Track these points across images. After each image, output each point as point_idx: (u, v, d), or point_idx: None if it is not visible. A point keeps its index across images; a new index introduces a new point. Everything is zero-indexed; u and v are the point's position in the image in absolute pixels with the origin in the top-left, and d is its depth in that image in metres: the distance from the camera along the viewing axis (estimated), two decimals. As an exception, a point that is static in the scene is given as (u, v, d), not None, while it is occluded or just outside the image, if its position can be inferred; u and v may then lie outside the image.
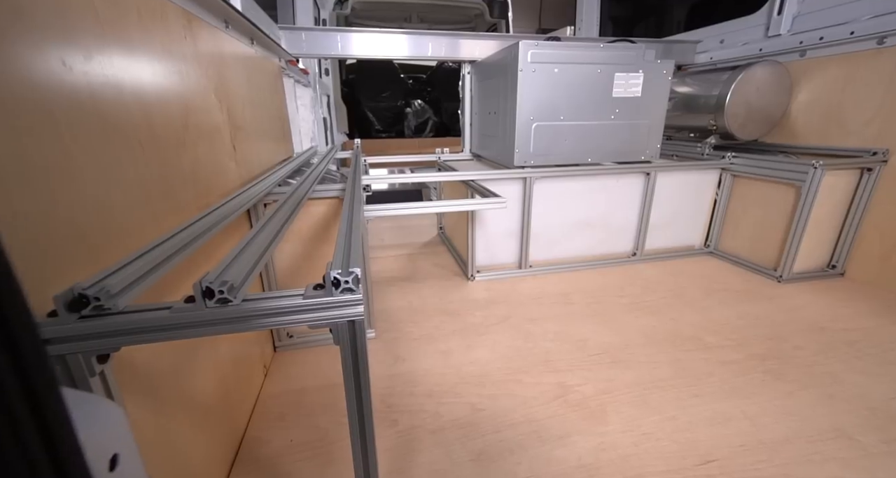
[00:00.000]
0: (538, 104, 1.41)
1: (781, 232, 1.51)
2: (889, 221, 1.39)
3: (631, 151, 1.57)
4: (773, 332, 1.17)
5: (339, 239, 0.49)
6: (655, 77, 1.48)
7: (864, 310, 1.27)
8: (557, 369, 1.02)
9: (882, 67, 1.38)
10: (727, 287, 1.48)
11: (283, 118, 1.57)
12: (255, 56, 1.20)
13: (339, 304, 0.38)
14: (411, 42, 1.86)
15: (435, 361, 1.05)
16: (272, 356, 1.07)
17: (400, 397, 0.91)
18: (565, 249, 1.67)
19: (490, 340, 1.14)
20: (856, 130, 1.47)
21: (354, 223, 0.58)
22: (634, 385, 0.95)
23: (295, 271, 1.06)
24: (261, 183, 0.93)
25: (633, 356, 1.06)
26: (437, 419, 0.84)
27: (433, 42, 1.87)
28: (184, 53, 0.65)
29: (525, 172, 1.47)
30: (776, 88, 1.66)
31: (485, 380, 0.97)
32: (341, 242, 0.48)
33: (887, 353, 1.05)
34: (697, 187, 1.74)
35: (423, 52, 1.92)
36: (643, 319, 1.26)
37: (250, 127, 1.06)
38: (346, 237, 0.50)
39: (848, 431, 0.80)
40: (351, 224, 0.56)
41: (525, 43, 1.33)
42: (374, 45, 1.86)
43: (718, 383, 0.95)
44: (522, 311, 1.32)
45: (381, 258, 1.84)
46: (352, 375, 0.42)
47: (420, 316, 1.29)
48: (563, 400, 0.90)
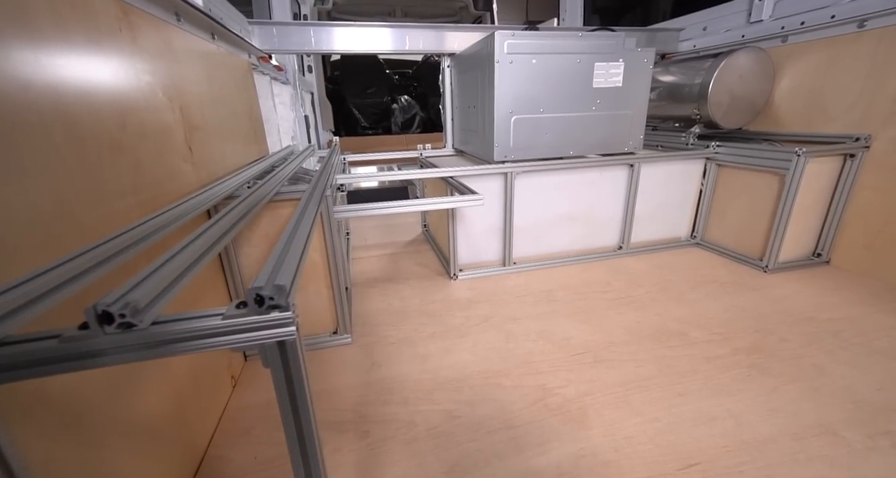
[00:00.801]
0: (517, 97, 1.36)
1: (766, 221, 1.49)
2: (872, 208, 1.37)
3: (614, 142, 1.54)
4: (759, 324, 1.15)
5: (277, 247, 0.45)
6: (636, 66, 1.44)
7: (850, 298, 1.26)
8: (539, 370, 0.98)
9: (863, 51, 1.35)
10: (713, 279, 1.46)
11: (256, 117, 1.51)
12: (219, 52, 1.15)
13: (265, 323, 0.34)
14: (388, 35, 1.80)
15: (412, 366, 1.02)
16: (242, 366, 1.02)
17: (374, 406, 0.88)
18: (550, 245, 1.64)
19: (470, 342, 1.11)
20: (838, 115, 1.45)
21: (301, 228, 0.53)
22: (617, 385, 0.92)
23: (264, 277, 1.02)
24: (222, 186, 0.88)
25: (616, 355, 1.04)
26: (410, 429, 0.81)
27: (410, 35, 1.81)
28: (118, 48, 0.60)
29: (505, 167, 1.43)
30: (759, 75, 1.63)
31: (463, 385, 0.94)
32: (277, 250, 0.43)
33: (873, 342, 1.03)
34: (682, 178, 1.71)
35: (400, 45, 1.86)
36: (628, 314, 1.23)
37: (212, 127, 1.01)
38: (285, 244, 0.45)
39: (833, 426, 0.77)
40: (297, 229, 0.52)
41: (501, 33, 1.28)
42: (349, 40, 1.80)
43: (703, 381, 0.93)
44: (505, 310, 1.28)
45: (364, 259, 1.79)
46: (287, 402, 0.38)
47: (399, 318, 1.25)
48: (543, 404, 0.87)
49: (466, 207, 1.12)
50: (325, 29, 1.71)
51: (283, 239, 0.46)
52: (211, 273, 0.90)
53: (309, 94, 4.62)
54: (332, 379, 0.97)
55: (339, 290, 1.07)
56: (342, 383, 0.96)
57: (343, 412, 0.86)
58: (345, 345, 1.12)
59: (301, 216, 0.57)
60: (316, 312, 1.10)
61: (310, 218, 0.60)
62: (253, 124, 1.45)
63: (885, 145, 1.32)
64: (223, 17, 1.41)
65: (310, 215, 0.61)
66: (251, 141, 1.39)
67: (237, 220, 0.59)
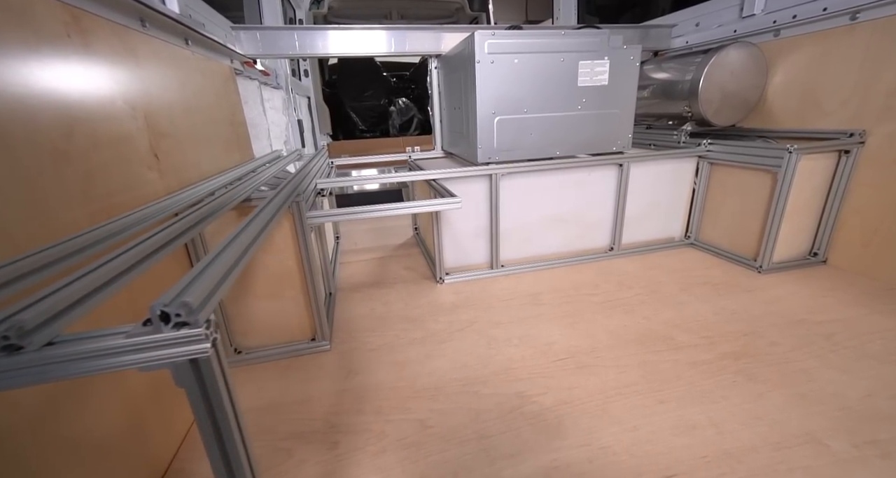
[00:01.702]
0: (499, 97, 1.34)
1: (760, 221, 1.45)
2: (869, 205, 1.33)
3: (601, 142, 1.51)
4: (750, 327, 1.11)
5: (206, 258, 0.43)
6: (623, 64, 1.41)
7: (844, 299, 1.22)
8: (518, 377, 0.96)
9: (856, 44, 1.31)
10: (705, 280, 1.42)
11: (239, 122, 1.51)
12: (194, 58, 1.14)
13: (173, 341, 0.33)
14: (375, 38, 1.79)
15: (389, 373, 1.00)
16: (219, 375, 1.01)
17: (345, 416, 0.86)
18: (539, 247, 1.61)
19: (451, 349, 1.09)
20: (833, 110, 1.41)
21: (243, 236, 0.51)
22: (597, 393, 0.89)
23: (236, 282, 1.01)
24: (190, 193, 0.87)
25: (599, 361, 1.01)
26: (381, 440, 0.79)
27: (396, 37, 1.80)
28: (65, 54, 0.59)
29: (489, 169, 1.41)
30: (751, 71, 1.59)
31: (439, 393, 0.92)
32: (204, 262, 0.41)
33: (865, 345, 0.99)
34: (675, 177, 1.68)
35: (388, 47, 1.85)
36: (615, 318, 1.20)
37: (184, 134, 1.00)
38: (216, 255, 0.43)
39: (818, 435, 0.74)
40: (237, 238, 0.50)
41: (481, 33, 1.26)
42: (337, 43, 1.79)
43: (686, 387, 0.90)
44: (489, 315, 1.26)
45: (352, 263, 1.78)
46: (207, 423, 0.36)
47: (381, 324, 1.24)
48: (518, 413, 0.85)
49: (444, 209, 1.10)
50: (310, 33, 1.71)
51: (216, 249, 0.44)
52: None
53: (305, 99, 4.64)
54: (307, 387, 0.96)
55: (316, 296, 1.06)
56: (316, 391, 0.94)
57: (313, 422, 0.84)
58: (323, 352, 1.10)
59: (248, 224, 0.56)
60: (293, 318, 1.08)
61: (259, 225, 0.59)
62: (235, 130, 1.44)
63: (881, 141, 1.28)
64: (205, 22, 1.41)
65: (259, 223, 0.60)
66: (233, 147, 1.39)
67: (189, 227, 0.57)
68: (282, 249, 1.01)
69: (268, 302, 1.05)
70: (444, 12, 4.86)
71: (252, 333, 1.07)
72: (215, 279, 0.39)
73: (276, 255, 1.01)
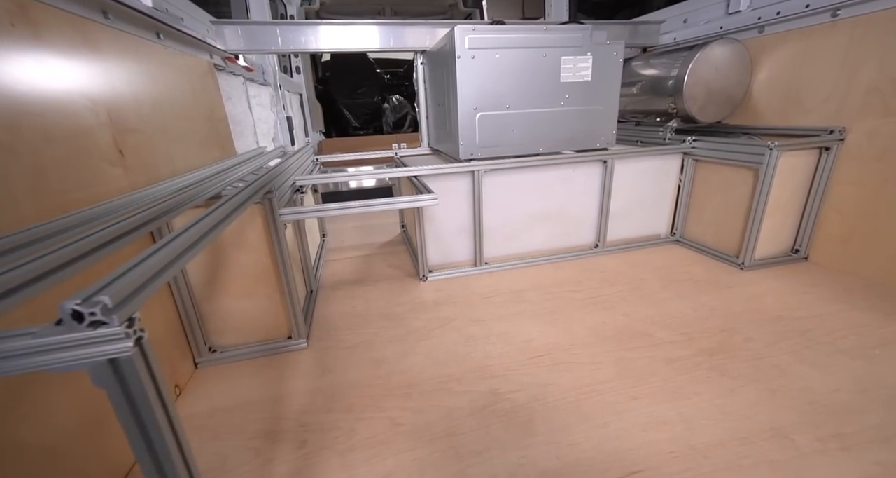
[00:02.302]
0: (481, 93, 1.33)
1: (743, 218, 1.45)
2: (848, 202, 1.34)
3: (585, 138, 1.50)
4: (727, 323, 1.11)
5: (141, 255, 0.41)
6: (606, 59, 1.40)
7: (823, 295, 1.22)
8: (493, 374, 0.96)
9: (836, 42, 1.31)
10: (688, 277, 1.42)
11: (219, 118, 1.49)
12: (167, 52, 1.12)
13: (88, 341, 0.32)
14: (361, 33, 1.77)
15: (364, 371, 0.99)
16: (192, 374, 1.00)
17: (317, 414, 0.85)
18: (523, 244, 1.60)
19: (428, 346, 1.08)
20: (815, 107, 1.41)
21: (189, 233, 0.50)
22: (571, 390, 0.89)
23: (211, 280, 0.99)
24: (157, 189, 0.85)
25: (575, 357, 1.01)
26: (350, 438, 0.78)
27: (382, 32, 1.78)
28: (7, 45, 0.57)
29: (472, 166, 1.40)
30: (735, 68, 1.59)
31: (413, 391, 0.91)
32: (138, 258, 0.40)
33: (839, 341, 0.99)
34: (660, 174, 1.68)
35: (373, 43, 1.83)
36: (595, 315, 1.20)
37: (156, 130, 0.98)
38: (154, 251, 0.42)
39: (784, 429, 0.74)
40: (180, 235, 0.49)
41: (461, 28, 1.25)
42: (321, 38, 1.76)
43: (660, 384, 0.89)
44: (470, 312, 1.26)
45: (337, 260, 1.77)
46: (133, 426, 0.35)
47: (361, 322, 1.23)
48: (490, 410, 0.84)
49: (420, 206, 1.09)
50: (293, 28, 1.68)
51: (154, 246, 0.43)
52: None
53: (297, 96, 4.60)
54: (280, 386, 0.95)
55: (291, 294, 1.05)
56: (289, 389, 0.93)
57: (284, 421, 0.83)
58: (300, 350, 1.09)
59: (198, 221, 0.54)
60: (269, 316, 1.07)
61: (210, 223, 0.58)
62: (215, 126, 1.43)
63: (860, 138, 1.28)
64: (184, 16, 1.39)
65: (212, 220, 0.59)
66: (212, 143, 1.37)
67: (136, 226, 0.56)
68: (256, 246, 1.00)
69: (243, 300, 1.04)
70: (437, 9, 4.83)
71: (227, 332, 1.06)
72: (146, 276, 0.38)
73: (250, 252, 1.00)
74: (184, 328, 0.98)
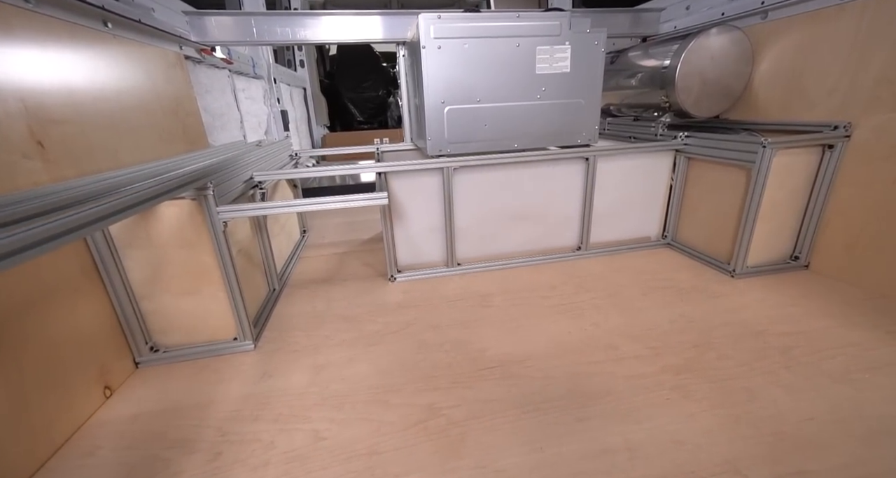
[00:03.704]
0: (449, 85, 1.26)
1: (735, 221, 1.34)
2: (853, 206, 1.21)
3: (564, 134, 1.41)
4: (703, 338, 1.02)
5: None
6: (586, 49, 1.31)
7: (816, 309, 1.11)
8: (436, 386, 0.90)
9: (845, 27, 1.18)
10: (672, 284, 1.32)
11: (188, 111, 1.46)
12: (117, 41, 1.09)
13: None
14: (343, 24, 1.71)
15: (303, 377, 0.95)
16: (131, 373, 0.98)
17: (241, 423, 0.81)
18: (500, 245, 1.53)
19: (377, 353, 1.03)
20: (819, 100, 1.28)
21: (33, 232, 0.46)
22: (514, 407, 0.82)
23: (152, 277, 0.96)
24: (88, 183, 0.82)
25: (528, 370, 0.93)
26: (266, 451, 0.74)
27: (363, 22, 1.72)
28: None
29: (441, 162, 1.33)
30: (734, 57, 1.46)
31: (346, 401, 0.86)
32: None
33: (823, 362, 0.89)
34: (649, 172, 1.57)
35: (356, 34, 1.77)
36: (561, 323, 1.13)
37: (94, 121, 0.95)
38: None
39: (739, 463, 0.66)
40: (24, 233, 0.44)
41: (426, 16, 1.18)
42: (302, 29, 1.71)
43: (613, 404, 0.82)
44: (431, 316, 1.20)
45: (312, 258, 1.73)
46: None
47: (317, 323, 1.18)
48: (422, 427, 0.78)
49: (368, 205, 1.04)
50: (268, 19, 1.64)
51: None
52: (73, 276, 0.84)
53: (301, 90, 4.59)
54: (213, 390, 0.91)
55: (234, 294, 1.01)
56: (222, 394, 0.90)
57: (205, 430, 0.79)
58: (246, 352, 1.06)
59: (70, 217, 0.50)
60: (215, 317, 1.04)
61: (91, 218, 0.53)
62: (182, 119, 1.40)
63: (867, 134, 1.16)
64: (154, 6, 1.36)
65: (95, 214, 0.54)
66: (176, 136, 1.34)
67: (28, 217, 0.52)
68: (195, 244, 0.96)
69: (187, 299, 1.01)
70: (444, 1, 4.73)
71: (172, 331, 1.03)
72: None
73: (191, 250, 0.97)
74: (121, 326, 0.95)
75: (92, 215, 0.61)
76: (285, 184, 1.73)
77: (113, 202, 0.60)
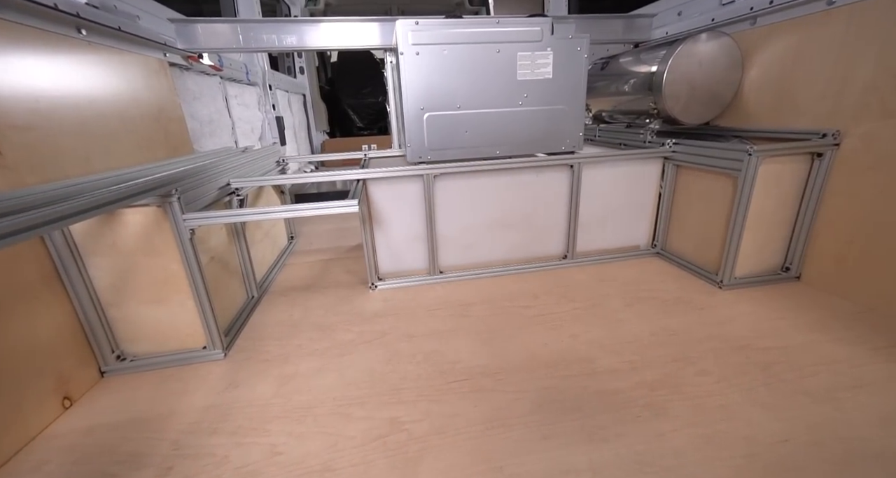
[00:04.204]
0: (428, 92, 1.25)
1: (723, 230, 1.31)
2: (843, 216, 1.17)
3: (548, 141, 1.39)
4: (683, 352, 0.99)
5: None
6: (569, 55, 1.29)
7: (803, 323, 1.07)
8: (402, 399, 0.87)
9: (832, 32, 1.15)
10: (657, 295, 1.29)
11: (171, 118, 1.46)
12: (93, 48, 1.09)
13: None
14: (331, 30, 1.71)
15: (269, 388, 0.92)
16: (96, 383, 0.96)
17: (199, 436, 0.79)
18: (484, 253, 1.50)
19: (347, 363, 1.01)
20: (808, 107, 1.25)
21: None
22: (479, 423, 0.79)
23: (119, 285, 0.95)
24: (48, 189, 0.81)
25: (499, 384, 0.91)
26: (219, 467, 0.71)
27: (353, 29, 1.72)
28: None
29: (421, 169, 1.32)
30: (723, 63, 1.44)
31: (309, 413, 0.84)
32: None
33: (805, 379, 0.85)
34: (638, 180, 1.54)
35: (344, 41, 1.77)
36: (539, 335, 1.10)
37: (63, 128, 0.95)
38: None
39: (707, 492, 0.63)
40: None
41: (403, 22, 1.17)
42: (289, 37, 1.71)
43: (581, 421, 0.78)
44: (407, 326, 1.17)
45: (297, 265, 1.72)
46: None
47: (290, 332, 1.17)
48: (381, 441, 0.76)
49: (337, 213, 1.02)
50: (255, 26, 1.64)
51: None
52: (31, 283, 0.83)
53: (300, 96, 4.62)
54: (176, 401, 0.89)
55: (202, 302, 0.99)
56: (184, 405, 0.88)
57: (160, 443, 0.77)
58: (215, 361, 1.04)
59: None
60: (184, 325, 1.02)
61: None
62: (164, 125, 1.40)
63: (855, 142, 1.12)
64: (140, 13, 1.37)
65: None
66: (157, 142, 1.34)
67: None
68: (162, 251, 0.95)
69: (155, 307, 0.99)
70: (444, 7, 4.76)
71: (141, 340, 1.02)
72: None
73: (158, 258, 0.95)
74: (85, 334, 0.94)
75: (37, 220, 0.59)
76: (271, 190, 1.72)
77: (60, 207, 0.59)
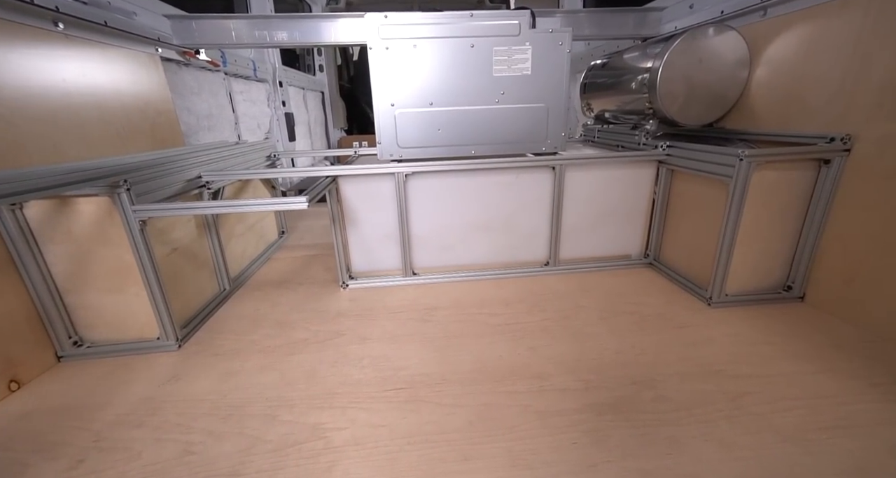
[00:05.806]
0: (398, 87, 1.21)
1: (715, 241, 1.20)
2: (854, 231, 1.04)
3: (527, 140, 1.32)
4: (647, 374, 0.90)
5: None
6: (550, 50, 1.22)
7: (793, 350, 0.95)
8: (332, 405, 0.84)
9: (847, 25, 1.02)
10: (637, 309, 1.19)
11: (160, 111, 1.50)
12: (71, 41, 1.12)
13: None
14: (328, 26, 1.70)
15: (210, 383, 0.92)
16: (51, 366, 0.99)
17: (124, 428, 0.79)
18: (461, 255, 1.45)
19: (293, 363, 0.99)
20: (818, 109, 1.12)
21: None
22: (402, 437, 0.75)
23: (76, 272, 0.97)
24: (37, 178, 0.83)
25: (438, 396, 0.86)
26: (128, 462, 0.71)
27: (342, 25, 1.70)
28: None
29: (392, 167, 1.28)
30: (727, 59, 1.32)
31: (237, 412, 0.82)
32: None
33: (777, 414, 0.75)
34: (630, 184, 1.44)
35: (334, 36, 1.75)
36: (498, 346, 1.04)
37: (30, 116, 0.98)
38: None
39: (623, 539, 0.55)
40: None
41: (372, 16, 1.13)
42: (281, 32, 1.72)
43: (510, 444, 0.72)
44: (365, 327, 1.14)
45: (281, 259, 1.72)
46: None
47: (250, 327, 1.16)
48: (296, 449, 0.73)
49: (285, 209, 1.00)
50: (249, 21, 1.66)
51: None
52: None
53: (318, 93, 4.70)
54: (116, 390, 0.90)
55: (154, 294, 1.00)
56: (121, 395, 0.88)
57: (83, 433, 0.78)
58: (168, 352, 1.04)
59: None
60: (140, 315, 1.03)
61: None
62: (151, 117, 1.43)
63: (869, 148, 0.99)
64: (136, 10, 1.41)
65: None
66: (140, 134, 1.37)
67: None
68: (116, 242, 0.96)
69: (111, 296, 1.01)
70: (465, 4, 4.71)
71: (99, 327, 1.04)
72: None
73: (112, 248, 0.97)
74: (41, 320, 0.96)
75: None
76: (260, 184, 1.74)
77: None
